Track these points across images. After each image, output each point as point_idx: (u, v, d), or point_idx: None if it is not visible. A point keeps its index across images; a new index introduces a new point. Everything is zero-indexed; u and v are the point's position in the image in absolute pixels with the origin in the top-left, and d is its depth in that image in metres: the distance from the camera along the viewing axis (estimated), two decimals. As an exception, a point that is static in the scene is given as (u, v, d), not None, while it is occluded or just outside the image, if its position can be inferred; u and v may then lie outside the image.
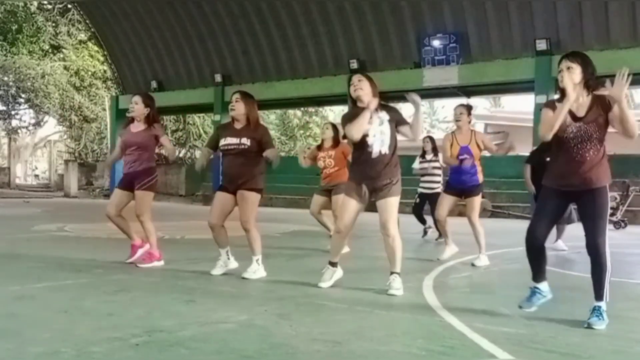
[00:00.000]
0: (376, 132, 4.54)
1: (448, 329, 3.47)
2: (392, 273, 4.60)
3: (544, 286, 3.84)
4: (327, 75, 19.96)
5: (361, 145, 4.57)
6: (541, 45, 16.02)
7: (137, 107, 5.74)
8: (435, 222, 9.02)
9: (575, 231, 8.00)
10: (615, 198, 13.80)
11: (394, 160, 4.60)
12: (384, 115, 4.58)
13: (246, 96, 5.27)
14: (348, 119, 4.65)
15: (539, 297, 3.82)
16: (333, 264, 4.83)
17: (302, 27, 20.07)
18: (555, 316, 3.82)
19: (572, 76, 3.60)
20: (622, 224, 13.58)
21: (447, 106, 43.60)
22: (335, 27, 19.44)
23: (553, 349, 3.09)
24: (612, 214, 13.58)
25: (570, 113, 3.65)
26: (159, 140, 5.77)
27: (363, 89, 4.61)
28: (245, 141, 5.06)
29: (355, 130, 4.51)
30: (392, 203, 4.54)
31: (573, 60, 3.63)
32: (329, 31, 19.64)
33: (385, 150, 4.53)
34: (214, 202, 5.25)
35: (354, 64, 19.07)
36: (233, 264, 5.35)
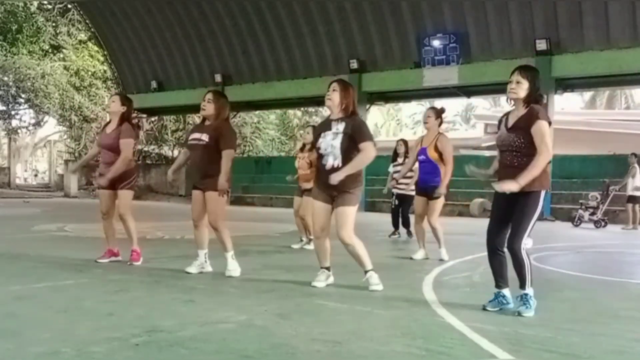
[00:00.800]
0: (327, 146, 4.57)
1: (448, 329, 3.47)
2: (365, 272, 4.70)
3: (506, 292, 3.97)
4: (327, 75, 19.92)
5: (319, 159, 4.69)
6: (541, 45, 16.03)
7: (113, 104, 5.82)
8: (403, 220, 9.48)
9: (575, 231, 8.06)
10: (596, 197, 13.95)
11: (351, 173, 4.55)
12: (341, 127, 4.56)
13: (219, 96, 5.32)
14: (314, 133, 4.93)
15: (502, 302, 3.95)
16: (327, 269, 4.86)
17: (302, 27, 20.07)
18: (555, 316, 3.82)
19: (518, 90, 3.82)
20: (602, 223, 13.64)
21: (447, 106, 43.57)
22: (335, 27, 19.44)
23: (553, 349, 3.09)
24: (592, 213, 13.77)
25: (506, 123, 3.93)
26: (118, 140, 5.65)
27: (332, 100, 4.64)
28: (205, 137, 5.08)
29: (312, 159, 5.02)
30: (346, 212, 4.56)
31: (524, 76, 3.83)
32: (329, 31, 19.64)
33: (338, 163, 4.52)
34: (192, 201, 5.34)
35: (354, 64, 19.09)
36: (208, 268, 5.39)
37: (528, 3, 16.26)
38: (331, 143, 4.55)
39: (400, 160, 9.38)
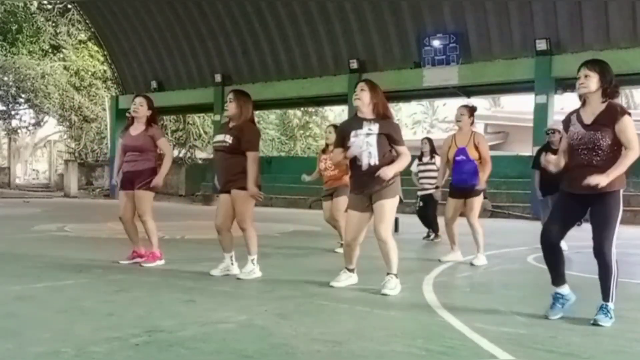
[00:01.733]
0: (362, 143, 4.49)
1: (448, 329, 3.47)
2: (388, 274, 4.61)
3: (564, 289, 3.85)
4: (327, 75, 19.98)
5: (353, 158, 4.59)
6: (541, 45, 16.03)
7: (141, 109, 5.73)
8: (430, 220, 9.07)
9: (574, 231, 8.01)
10: None
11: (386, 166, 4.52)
12: (374, 128, 4.50)
13: (240, 95, 5.19)
14: (340, 131, 4.81)
15: (563, 302, 3.84)
16: (350, 270, 4.85)
17: (302, 27, 20.07)
18: (555, 316, 3.81)
19: (589, 84, 3.65)
20: (578, 223, 13.55)
21: (447, 106, 43.64)
22: (335, 27, 19.44)
23: (553, 349, 3.09)
24: None
25: (580, 119, 3.72)
26: (155, 142, 5.74)
27: (361, 99, 4.57)
28: (228, 139, 5.00)
29: (334, 160, 4.98)
30: (384, 206, 4.49)
31: (591, 69, 3.67)
32: (329, 31, 19.65)
33: (374, 161, 4.46)
34: (218, 205, 5.26)
35: (354, 64, 19.09)
36: (235, 270, 5.30)
37: (528, 3, 16.26)
38: (366, 141, 4.47)
39: (425, 159, 8.98)
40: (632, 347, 3.23)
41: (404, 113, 47.50)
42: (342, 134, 4.70)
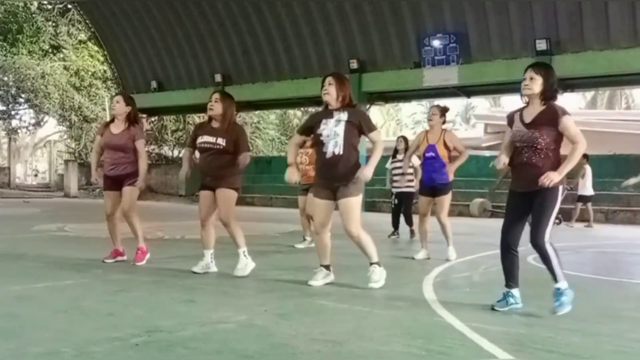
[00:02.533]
0: (330, 132, 4.54)
1: (448, 329, 3.47)
2: (371, 264, 4.68)
3: (516, 292, 3.98)
4: (327, 75, 19.95)
5: (318, 146, 4.64)
6: (541, 45, 16.02)
7: (118, 105, 5.79)
8: (405, 218, 9.35)
9: (574, 231, 8.05)
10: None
11: (351, 160, 4.55)
12: (343, 116, 4.56)
13: (225, 96, 5.32)
14: (309, 119, 4.91)
15: (511, 302, 3.95)
16: (325, 267, 4.84)
17: (302, 27, 20.06)
18: (556, 316, 3.82)
19: (533, 86, 3.83)
20: (556, 221, 13.64)
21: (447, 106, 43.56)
22: (335, 27, 19.43)
23: (553, 349, 3.09)
24: None
25: (522, 119, 3.90)
26: (134, 142, 5.72)
27: (330, 94, 4.65)
28: (221, 142, 5.12)
29: (291, 142, 5.08)
30: (350, 203, 4.52)
31: (537, 72, 3.85)
32: (329, 31, 19.64)
33: (339, 151, 4.50)
34: (200, 201, 5.40)
35: (354, 64, 19.08)
36: (214, 268, 5.39)
37: (528, 3, 16.25)
38: (334, 130, 4.53)
39: (399, 157, 9.26)
40: (632, 347, 3.23)
41: (404, 113, 47.51)
42: (311, 122, 4.79)
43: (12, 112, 32.17)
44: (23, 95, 30.71)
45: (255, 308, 3.94)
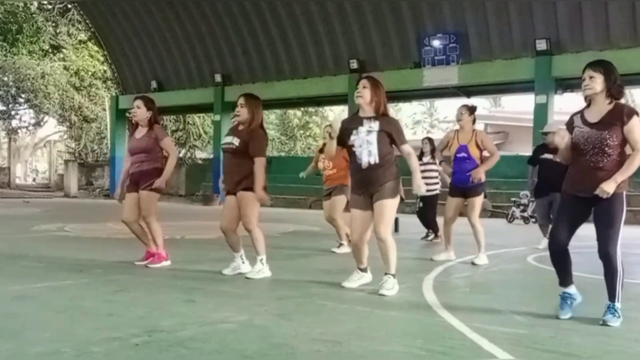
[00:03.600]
0: (362, 142, 4.46)
1: (448, 329, 3.47)
2: (385, 274, 4.60)
3: (572, 289, 3.88)
4: (327, 75, 19.97)
5: (352, 157, 4.57)
6: (541, 45, 16.03)
7: (139, 111, 5.67)
8: (429, 221, 9.06)
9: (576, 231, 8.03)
10: (527, 196, 14.35)
11: (387, 166, 4.50)
12: (375, 126, 4.48)
13: (251, 100, 5.16)
14: (341, 130, 4.57)
15: (571, 301, 3.86)
16: (362, 270, 4.83)
17: (302, 27, 20.07)
18: (556, 316, 3.81)
19: (594, 85, 3.64)
20: (532, 219, 14.19)
21: (447, 105, 43.68)
22: (335, 27, 19.44)
23: (553, 349, 3.09)
24: (522, 210, 14.52)
25: (584, 120, 3.70)
26: (159, 143, 5.70)
27: (363, 97, 4.54)
28: (235, 141, 5.02)
29: (327, 152, 4.82)
30: (384, 205, 4.46)
31: (595, 70, 3.66)
32: (329, 31, 19.64)
33: (374, 160, 4.44)
34: (224, 206, 5.27)
35: (354, 64, 19.09)
36: (246, 268, 5.30)
37: (528, 3, 16.26)
38: (366, 139, 4.45)
39: (425, 159, 8.92)
40: (632, 347, 3.23)
41: (404, 113, 47.49)
42: (343, 132, 4.61)
43: (12, 112, 32.19)
44: (23, 95, 30.74)
45: (255, 308, 3.94)
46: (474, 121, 6.47)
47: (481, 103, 43.08)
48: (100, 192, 27.45)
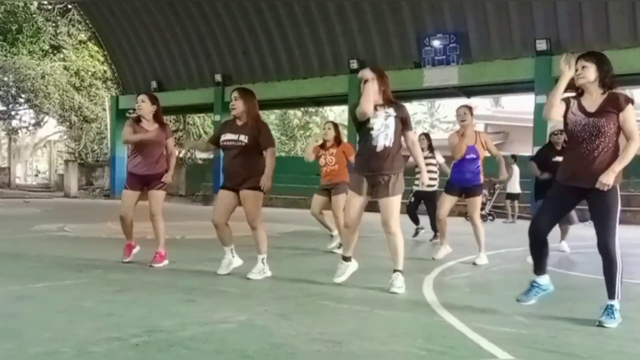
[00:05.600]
0: (381, 125, 4.57)
1: (448, 329, 3.47)
2: (394, 271, 4.64)
3: (543, 280, 3.88)
4: (327, 75, 19.97)
5: (366, 138, 4.62)
6: (541, 45, 16.03)
7: (144, 105, 5.75)
8: (431, 220, 9.02)
9: (573, 231, 8.04)
10: (485, 194, 14.73)
11: (398, 156, 4.63)
12: (391, 111, 4.61)
13: (245, 93, 5.22)
14: (355, 104, 4.70)
15: (537, 291, 3.87)
16: (346, 259, 4.91)
17: (302, 27, 20.07)
18: (556, 316, 3.82)
19: (586, 74, 3.66)
20: (490, 217, 14.82)
21: (446, 105, 43.60)
22: (335, 27, 19.44)
23: (553, 349, 3.09)
24: (481, 208, 14.59)
25: (582, 108, 3.70)
26: (166, 140, 5.83)
27: (373, 86, 4.63)
28: (243, 138, 5.01)
29: (364, 102, 4.53)
30: (393, 202, 4.58)
31: (588, 60, 3.69)
32: (329, 31, 19.65)
33: (389, 144, 4.56)
34: (217, 201, 5.25)
35: (354, 64, 19.07)
36: (237, 262, 5.32)
37: (528, 3, 16.26)
38: (385, 123, 4.57)
39: (423, 154, 8.93)
40: (632, 347, 3.23)
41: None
42: (362, 116, 4.62)
43: (12, 112, 32.18)
44: (23, 96, 30.72)
45: (255, 308, 3.94)
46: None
47: (482, 103, 43.14)
48: (100, 192, 27.45)
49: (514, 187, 14.83)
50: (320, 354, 2.94)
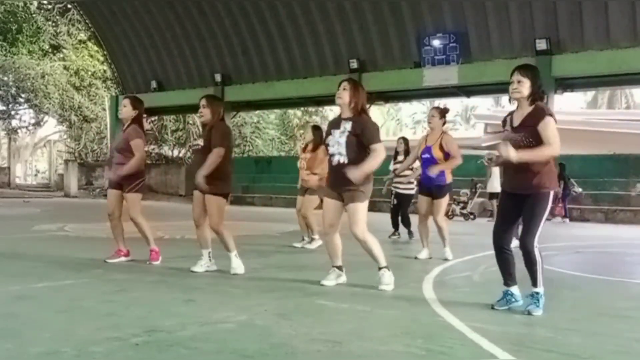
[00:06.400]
0: (335, 142, 4.64)
1: (448, 329, 3.47)
2: (379, 268, 4.72)
3: (515, 290, 4.00)
4: (327, 75, 19.95)
5: (329, 155, 4.75)
6: (541, 45, 16.02)
7: (125, 109, 5.83)
8: (402, 218, 9.36)
9: (574, 231, 8.06)
10: (466, 194, 15.37)
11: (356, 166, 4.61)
12: (348, 126, 4.61)
13: (212, 100, 5.42)
14: (327, 129, 4.85)
15: (511, 299, 3.99)
16: (338, 267, 4.89)
17: (302, 27, 20.06)
18: (555, 316, 3.82)
19: (521, 89, 3.84)
20: (471, 217, 15.27)
21: (447, 105, 43.57)
22: (335, 27, 19.43)
23: (553, 349, 3.09)
24: (462, 207, 15.39)
25: (511, 122, 3.95)
26: (129, 142, 5.69)
27: (342, 98, 4.68)
28: (201, 141, 5.19)
29: (318, 158, 4.99)
30: (357, 209, 4.61)
31: (524, 75, 3.87)
32: (329, 31, 19.64)
33: (343, 160, 4.58)
34: (194, 201, 5.40)
35: (354, 64, 19.08)
36: (213, 267, 5.44)
37: (528, 3, 16.26)
38: (338, 140, 4.62)
39: (400, 158, 9.27)
40: (632, 347, 3.23)
41: (404, 113, 47.54)
42: (326, 132, 4.87)
43: (12, 112, 32.17)
44: (23, 95, 30.71)
45: (255, 308, 3.94)
46: (443, 124, 6.61)
47: (481, 103, 43.20)
48: (100, 192, 27.41)
49: (494, 186, 14.85)
50: (320, 354, 2.94)
